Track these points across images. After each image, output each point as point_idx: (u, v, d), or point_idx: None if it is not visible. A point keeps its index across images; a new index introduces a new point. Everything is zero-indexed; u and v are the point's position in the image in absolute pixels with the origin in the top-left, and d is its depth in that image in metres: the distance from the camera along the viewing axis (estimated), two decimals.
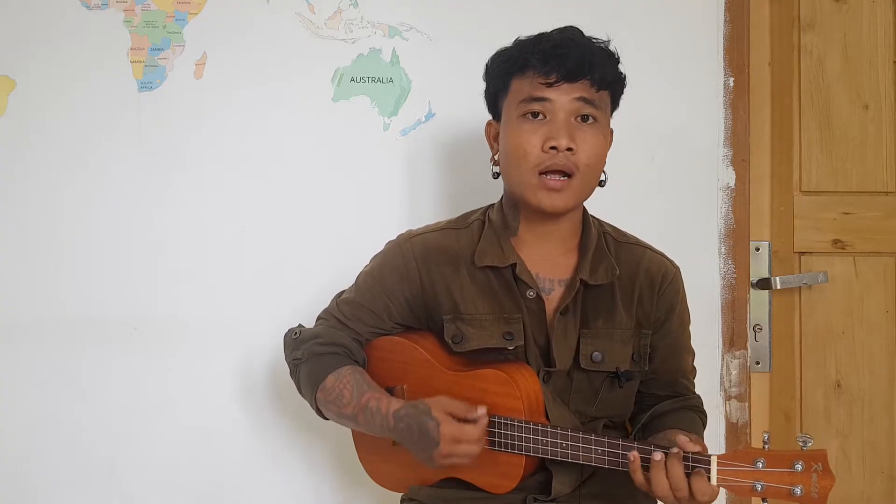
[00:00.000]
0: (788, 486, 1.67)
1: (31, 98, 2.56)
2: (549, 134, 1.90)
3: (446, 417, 1.86)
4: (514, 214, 2.03)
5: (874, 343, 2.73)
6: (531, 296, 1.99)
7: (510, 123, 1.97)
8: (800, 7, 2.71)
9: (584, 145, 1.92)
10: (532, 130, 1.92)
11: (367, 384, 1.98)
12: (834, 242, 2.72)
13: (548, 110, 1.92)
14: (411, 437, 1.89)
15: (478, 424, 1.87)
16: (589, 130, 1.94)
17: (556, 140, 1.89)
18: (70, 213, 2.57)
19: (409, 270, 2.04)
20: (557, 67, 1.90)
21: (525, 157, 1.92)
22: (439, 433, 1.84)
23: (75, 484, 2.59)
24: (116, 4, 2.56)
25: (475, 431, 1.86)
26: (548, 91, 1.91)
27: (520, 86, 1.95)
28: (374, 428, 1.96)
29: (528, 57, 1.93)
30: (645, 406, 2.10)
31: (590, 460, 1.85)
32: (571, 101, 1.92)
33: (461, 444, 1.85)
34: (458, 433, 1.85)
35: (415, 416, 1.88)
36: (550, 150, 1.90)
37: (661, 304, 2.07)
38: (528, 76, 1.93)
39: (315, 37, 2.60)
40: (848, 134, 2.71)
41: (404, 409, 1.91)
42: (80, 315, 2.58)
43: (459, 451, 1.86)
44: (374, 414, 1.94)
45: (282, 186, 2.60)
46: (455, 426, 1.85)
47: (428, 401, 1.90)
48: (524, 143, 1.92)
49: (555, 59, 1.91)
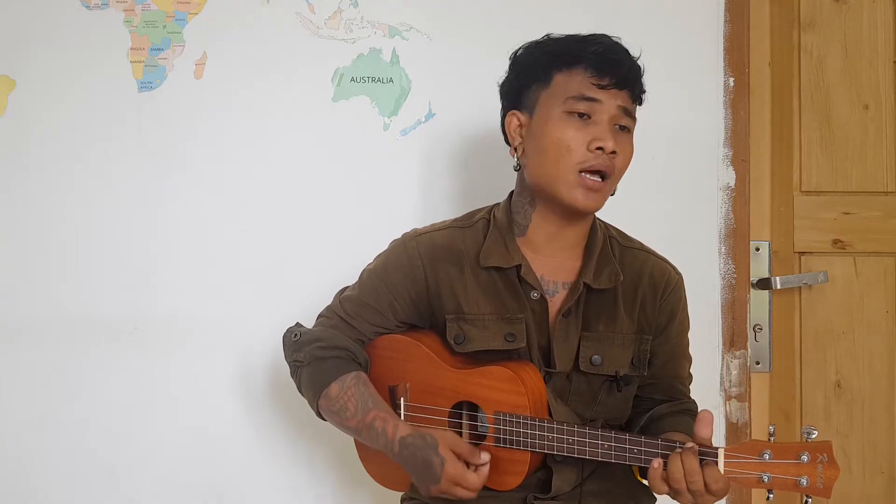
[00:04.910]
0: (794, 478, 1.69)
1: (31, 98, 2.56)
2: (596, 135, 1.90)
3: (452, 457, 1.87)
4: (525, 212, 2.03)
5: (874, 343, 2.73)
6: (535, 297, 1.99)
7: (551, 118, 1.94)
8: (800, 7, 2.72)
9: (623, 151, 1.94)
10: (578, 128, 1.91)
11: (371, 399, 1.98)
12: (834, 242, 2.72)
13: (594, 111, 1.91)
14: (414, 466, 1.90)
15: (479, 473, 1.88)
16: (625, 138, 1.96)
17: (604, 142, 1.90)
18: (70, 212, 2.57)
19: (415, 269, 2.04)
20: (612, 72, 1.91)
21: (568, 153, 1.91)
22: (442, 472, 1.86)
23: (75, 484, 2.58)
24: (116, 4, 2.56)
25: (476, 481, 1.88)
26: (599, 92, 1.91)
27: (566, 81, 1.93)
28: (377, 446, 1.96)
29: (581, 55, 1.93)
30: (642, 409, 2.10)
31: (596, 455, 1.85)
32: (616, 107, 1.92)
33: (460, 488, 1.87)
34: (460, 477, 1.86)
35: (421, 447, 1.89)
36: (596, 151, 1.90)
37: (662, 309, 2.07)
38: (578, 74, 1.92)
39: (315, 37, 2.60)
40: (848, 134, 2.72)
41: (411, 439, 1.91)
42: (80, 315, 2.57)
43: (456, 494, 1.88)
44: (379, 435, 1.94)
45: (282, 186, 2.60)
46: (459, 470, 1.87)
47: (436, 435, 1.90)
48: (569, 140, 1.91)
49: (609, 63, 1.91)
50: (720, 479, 1.73)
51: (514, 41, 2.06)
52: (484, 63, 2.51)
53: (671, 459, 1.77)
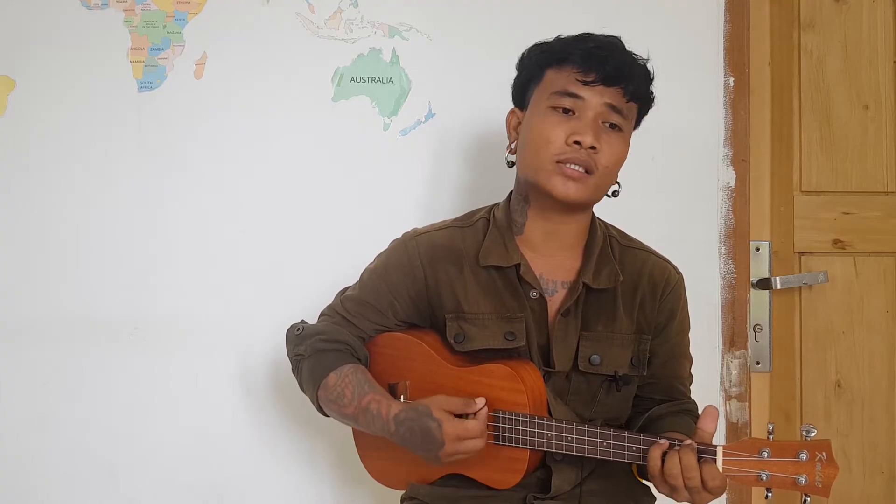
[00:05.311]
0: (793, 476, 1.69)
1: (31, 98, 2.56)
2: (576, 129, 1.90)
3: (447, 416, 1.86)
4: (522, 209, 2.03)
5: (874, 343, 2.73)
6: (534, 296, 1.99)
7: (537, 112, 1.96)
8: (800, 7, 2.72)
9: (607, 147, 1.93)
10: (558, 122, 1.92)
11: (368, 385, 1.98)
12: (834, 242, 2.72)
13: (578, 107, 1.92)
14: (414, 440, 1.89)
15: (478, 417, 1.87)
16: (614, 135, 1.95)
17: (582, 136, 1.89)
18: (70, 212, 2.57)
19: (415, 269, 2.04)
20: (597, 68, 1.91)
21: (546, 145, 1.91)
22: (443, 433, 1.85)
23: (75, 484, 2.58)
24: (116, 4, 2.56)
25: (477, 426, 1.86)
26: (582, 89, 1.91)
27: (554, 77, 1.95)
28: (375, 430, 1.96)
29: (569, 51, 1.93)
30: (641, 409, 2.10)
31: (595, 453, 1.85)
32: (602, 104, 1.92)
33: (465, 440, 1.86)
34: (462, 430, 1.85)
35: (415, 418, 1.88)
36: (574, 145, 1.90)
37: (662, 309, 2.07)
38: (566, 70, 1.93)
39: (315, 37, 2.60)
40: (848, 134, 2.72)
41: (404, 413, 1.90)
42: (80, 315, 2.57)
43: (464, 448, 1.86)
44: (375, 417, 1.94)
45: (282, 186, 2.60)
46: (457, 424, 1.85)
47: (426, 401, 1.90)
48: (548, 133, 1.91)
49: (596, 59, 1.91)
50: (717, 477, 1.73)
51: (514, 41, 2.07)
52: (484, 63, 2.53)
53: (669, 456, 1.77)
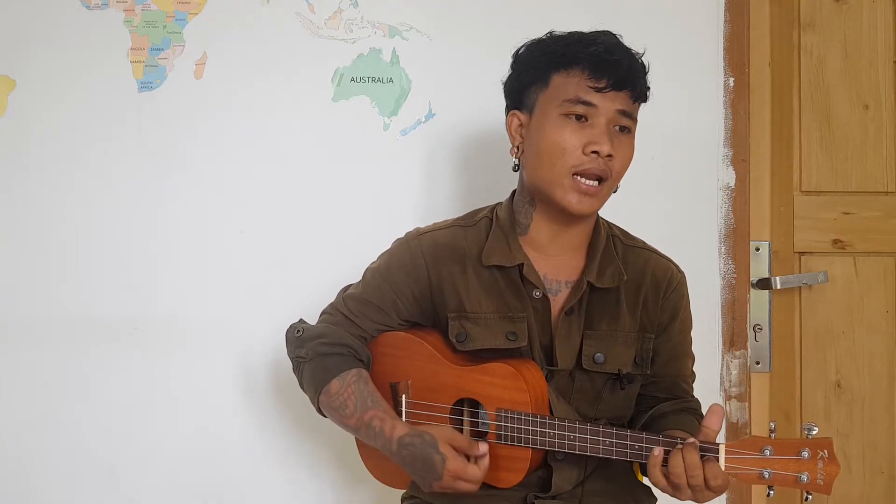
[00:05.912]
0: (795, 473, 1.70)
1: (31, 98, 2.56)
2: (592, 138, 1.89)
3: (452, 453, 1.87)
4: (526, 212, 2.02)
5: (874, 343, 2.74)
6: (537, 296, 1.99)
7: (548, 120, 1.93)
8: (800, 7, 2.72)
9: (621, 153, 1.93)
10: (574, 131, 1.90)
11: (371, 398, 1.97)
12: (834, 242, 2.72)
13: (591, 114, 1.90)
14: (414, 465, 1.90)
15: (480, 465, 1.88)
16: (625, 140, 1.94)
17: (599, 146, 1.89)
18: (70, 212, 2.57)
19: (418, 268, 2.04)
20: (609, 74, 1.89)
21: (563, 155, 1.90)
22: (444, 469, 1.86)
23: (75, 484, 2.58)
24: (116, 4, 2.56)
25: (478, 473, 1.88)
26: (595, 96, 1.90)
27: (563, 83, 1.92)
28: (375, 445, 1.96)
29: (578, 56, 1.91)
30: (644, 407, 2.10)
31: (597, 452, 1.86)
32: (614, 110, 1.91)
33: (462, 482, 1.87)
34: (462, 472, 1.86)
35: (420, 446, 1.89)
36: (592, 154, 1.89)
37: (665, 308, 2.07)
38: (575, 75, 1.91)
39: (315, 37, 2.60)
40: (848, 134, 2.72)
41: (409, 438, 1.91)
42: (80, 315, 2.57)
43: (458, 487, 1.88)
44: (377, 434, 1.94)
45: (282, 186, 2.60)
46: (460, 465, 1.87)
47: (433, 432, 1.90)
48: (564, 143, 1.90)
49: (607, 64, 1.90)
50: (720, 476, 1.74)
51: (514, 41, 2.06)
52: (484, 63, 2.52)
53: (672, 454, 1.77)
